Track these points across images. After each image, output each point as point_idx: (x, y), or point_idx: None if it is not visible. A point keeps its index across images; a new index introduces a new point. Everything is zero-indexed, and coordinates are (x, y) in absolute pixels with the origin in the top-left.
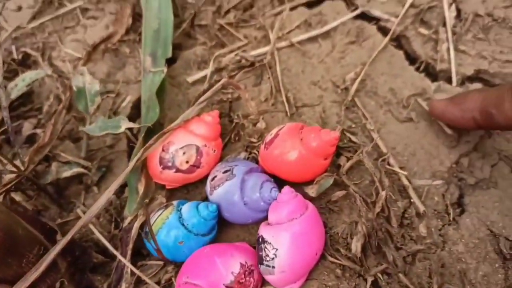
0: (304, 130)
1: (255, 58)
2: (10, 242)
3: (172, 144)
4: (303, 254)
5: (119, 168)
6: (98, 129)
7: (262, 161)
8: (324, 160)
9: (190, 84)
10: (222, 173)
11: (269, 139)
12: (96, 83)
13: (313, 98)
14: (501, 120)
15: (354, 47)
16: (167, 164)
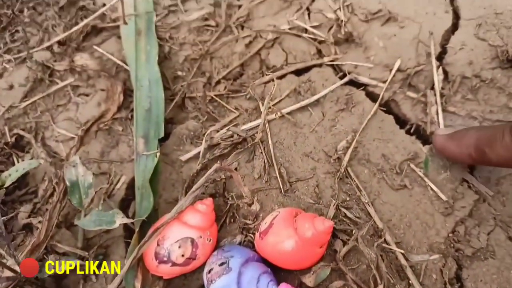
0: (299, 218)
1: (247, 133)
2: None
3: (166, 239)
4: None
5: (116, 254)
6: (92, 223)
7: (258, 249)
8: (320, 248)
9: (183, 162)
10: (218, 266)
11: (264, 228)
12: (89, 174)
13: (307, 170)
14: (492, 157)
15: (344, 114)
16: (162, 259)
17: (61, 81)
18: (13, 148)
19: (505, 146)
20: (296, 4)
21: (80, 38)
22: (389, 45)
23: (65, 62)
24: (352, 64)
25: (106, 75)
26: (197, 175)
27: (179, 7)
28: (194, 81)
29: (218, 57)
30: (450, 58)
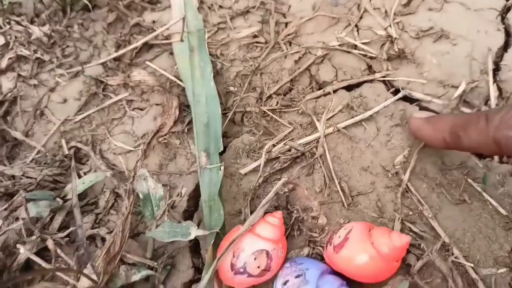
0: (374, 233)
1: (304, 147)
2: None
3: (242, 250)
4: None
5: (182, 263)
6: (167, 235)
7: (330, 262)
8: (396, 262)
9: (242, 175)
10: (294, 278)
11: (338, 242)
12: (160, 187)
13: (366, 185)
14: (465, 141)
15: (399, 129)
16: (239, 270)
17: (115, 96)
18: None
19: (479, 130)
20: (344, 21)
21: (133, 54)
22: (443, 62)
23: (119, 77)
24: (404, 80)
25: (160, 90)
26: (258, 188)
27: (228, 24)
28: (245, 96)
29: (268, 73)
30: (504, 75)
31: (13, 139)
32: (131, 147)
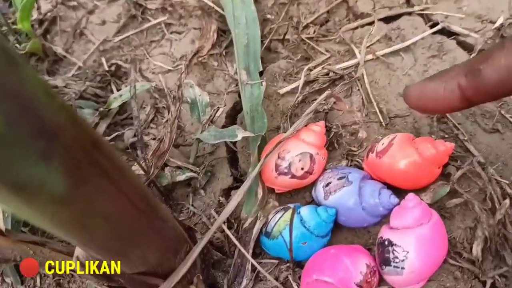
0: (418, 140)
1: (343, 71)
2: (173, 239)
3: (287, 152)
4: (432, 257)
5: (221, 172)
6: (212, 137)
7: (370, 169)
8: (437, 169)
9: (280, 95)
10: (337, 180)
11: (382, 148)
12: (205, 95)
13: (403, 109)
14: (492, 73)
15: (436, 61)
16: (283, 171)
17: (154, 19)
18: (113, 77)
19: (508, 51)
20: None
21: None
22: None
23: (158, 1)
24: (443, 14)
25: (198, 15)
26: (296, 107)
27: None
28: (282, 25)
29: (305, 3)
30: None
31: (53, 54)
32: (171, 67)
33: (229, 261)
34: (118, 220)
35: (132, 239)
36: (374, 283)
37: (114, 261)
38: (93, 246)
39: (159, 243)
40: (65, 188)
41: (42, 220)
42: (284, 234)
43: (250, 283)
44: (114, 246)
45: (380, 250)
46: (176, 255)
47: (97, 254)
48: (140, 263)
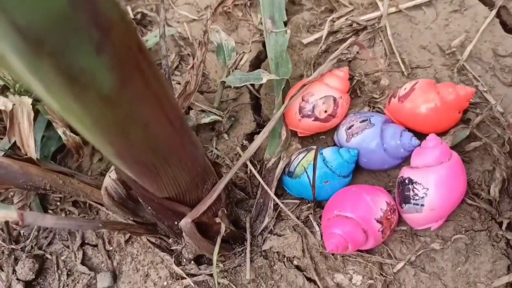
0: (440, 85)
1: (366, 23)
2: (202, 167)
3: (311, 95)
4: (451, 195)
5: (245, 118)
6: (238, 80)
7: (392, 113)
8: (458, 114)
9: (303, 45)
10: (359, 122)
11: (404, 93)
12: (231, 40)
13: (424, 61)
14: None
15: (457, 16)
16: (306, 113)
17: None
18: (138, 25)
19: None
20: None
21: None
22: None
23: None
24: None
25: None
26: (319, 57)
27: None
28: None
29: None
30: None
31: None
32: (195, 17)
33: (251, 201)
34: (156, 131)
35: (166, 157)
36: (393, 220)
37: (147, 184)
38: (129, 158)
39: (190, 166)
40: (112, 86)
41: (87, 122)
42: (307, 172)
43: (272, 221)
44: (149, 160)
45: (400, 189)
46: (203, 183)
47: (131, 171)
48: (171, 185)
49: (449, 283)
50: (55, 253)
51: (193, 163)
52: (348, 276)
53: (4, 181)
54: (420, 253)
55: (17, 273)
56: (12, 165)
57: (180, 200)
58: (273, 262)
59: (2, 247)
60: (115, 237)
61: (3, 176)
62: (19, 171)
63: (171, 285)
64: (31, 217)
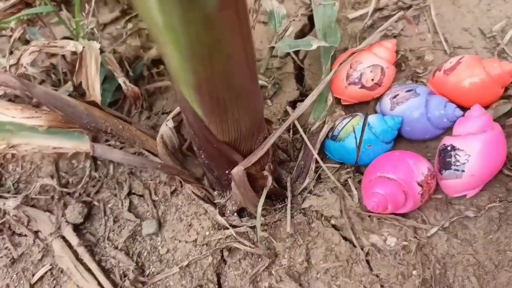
0: (485, 60)
1: (412, 1)
2: (260, 116)
3: (360, 63)
4: (491, 163)
5: (288, 86)
6: (287, 46)
7: (435, 86)
8: (501, 89)
9: (349, 20)
10: (405, 92)
11: (450, 66)
12: (282, 8)
13: (466, 42)
14: None
15: (499, 2)
16: (353, 80)
17: None
18: None
19: None
20: None
21: None
22: None
23: None
24: None
25: None
26: (364, 31)
27: None
28: None
29: None
30: None
31: None
32: None
33: (292, 164)
34: (235, 66)
35: (238, 95)
36: (432, 186)
37: (212, 124)
38: (206, 91)
39: (253, 111)
40: (214, 6)
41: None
42: (351, 137)
43: (312, 182)
44: (223, 96)
45: (442, 156)
46: (258, 134)
47: (203, 107)
48: (233, 128)
49: (480, 250)
50: (102, 200)
51: (256, 109)
52: (383, 238)
53: (71, 120)
54: (454, 220)
55: (66, 216)
56: (78, 106)
57: (235, 147)
58: (311, 219)
59: (52, 191)
60: (161, 188)
61: (70, 115)
62: (84, 111)
63: (213, 235)
64: (101, 149)
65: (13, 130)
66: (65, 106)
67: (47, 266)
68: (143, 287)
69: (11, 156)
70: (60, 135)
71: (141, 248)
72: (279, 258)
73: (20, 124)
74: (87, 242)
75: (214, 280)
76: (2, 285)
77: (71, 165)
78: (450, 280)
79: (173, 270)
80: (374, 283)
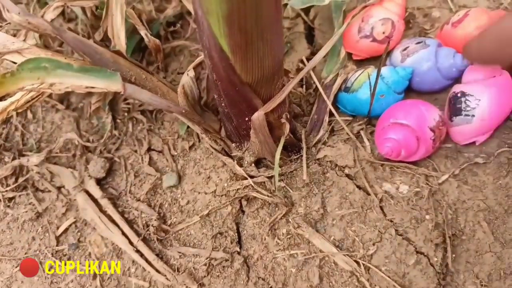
0: (491, 13)
1: None
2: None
3: (371, 17)
4: (501, 107)
5: (299, 46)
6: (300, 2)
7: (443, 40)
8: None
9: None
10: (414, 44)
11: (457, 18)
12: None
13: (470, 1)
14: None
15: None
16: (365, 34)
17: None
18: None
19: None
20: None
21: None
22: None
23: None
24: None
25: None
26: None
27: None
28: None
29: None
30: None
31: None
32: None
33: (305, 118)
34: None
35: (264, 29)
36: (443, 132)
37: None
38: (236, 23)
39: (275, 51)
40: None
41: None
42: (364, 87)
43: (326, 134)
44: (250, 29)
45: (452, 103)
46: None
47: (231, 41)
48: (257, 67)
49: (490, 195)
50: (123, 157)
51: (278, 47)
52: (395, 186)
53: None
54: (464, 167)
55: (89, 171)
56: (105, 53)
57: (256, 91)
58: (326, 169)
59: (74, 149)
60: (179, 143)
61: (97, 62)
62: (110, 59)
63: (231, 185)
64: (132, 88)
65: (49, 68)
66: (93, 53)
67: (71, 219)
68: (165, 235)
69: (32, 116)
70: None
71: (162, 200)
72: (295, 206)
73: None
74: (110, 196)
75: (234, 228)
76: (28, 238)
77: (91, 125)
78: (462, 225)
79: (194, 220)
80: (388, 227)
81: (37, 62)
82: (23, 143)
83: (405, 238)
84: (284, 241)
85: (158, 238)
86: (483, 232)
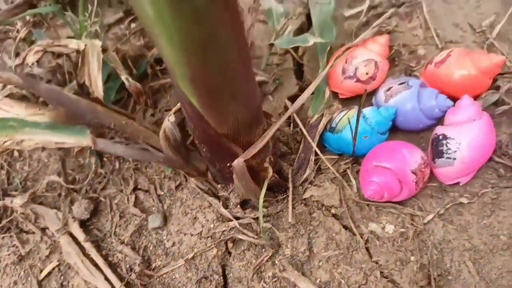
0: (474, 52)
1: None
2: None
3: (354, 58)
4: (481, 150)
5: (287, 82)
6: (286, 42)
7: (427, 79)
8: (489, 80)
9: (345, 18)
10: (398, 85)
11: (440, 59)
12: (280, 7)
13: (456, 37)
14: None
15: None
16: (349, 75)
17: None
18: None
19: None
20: None
21: None
22: None
23: None
24: None
25: None
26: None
27: None
28: None
29: None
30: None
31: None
32: None
33: (293, 157)
34: (229, 58)
35: (232, 88)
36: (426, 174)
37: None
38: (202, 83)
39: (250, 103)
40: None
41: (176, 37)
42: (348, 128)
43: (312, 173)
44: (219, 87)
45: (434, 145)
46: (257, 126)
47: (200, 100)
48: (231, 120)
49: (475, 235)
50: (109, 196)
51: (252, 101)
52: (381, 225)
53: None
54: (449, 207)
55: (73, 212)
56: (80, 102)
57: (235, 140)
58: (312, 209)
59: (59, 188)
60: (166, 183)
61: (73, 111)
62: (87, 107)
63: (217, 227)
64: (103, 143)
65: (16, 126)
66: (68, 102)
67: (55, 262)
68: (149, 280)
69: (18, 154)
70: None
71: (147, 242)
72: (282, 248)
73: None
74: (94, 237)
75: (219, 271)
76: (10, 282)
77: (77, 162)
78: (447, 265)
79: (178, 263)
80: (374, 269)
81: (4, 122)
82: (8, 182)
83: (390, 281)
84: (270, 284)
85: (142, 283)
86: (469, 272)
